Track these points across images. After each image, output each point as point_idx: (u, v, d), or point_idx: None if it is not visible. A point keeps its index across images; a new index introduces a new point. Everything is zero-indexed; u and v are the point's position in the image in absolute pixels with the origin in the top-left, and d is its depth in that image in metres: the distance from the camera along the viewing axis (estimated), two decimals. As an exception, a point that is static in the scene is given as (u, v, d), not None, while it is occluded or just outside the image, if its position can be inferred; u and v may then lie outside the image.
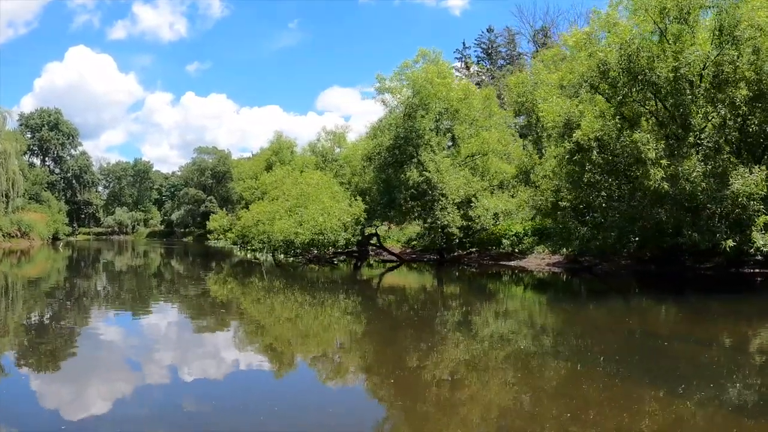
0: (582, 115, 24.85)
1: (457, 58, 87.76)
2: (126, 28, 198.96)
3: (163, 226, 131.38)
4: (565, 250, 36.29)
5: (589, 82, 25.73)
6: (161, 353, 12.50)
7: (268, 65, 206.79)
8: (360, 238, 35.49)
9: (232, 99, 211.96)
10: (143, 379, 10.36)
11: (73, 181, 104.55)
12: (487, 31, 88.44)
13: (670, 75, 23.45)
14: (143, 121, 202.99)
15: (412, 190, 32.85)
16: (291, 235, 32.72)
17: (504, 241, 39.30)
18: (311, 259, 39.23)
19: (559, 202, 29.11)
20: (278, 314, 18.72)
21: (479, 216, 34.23)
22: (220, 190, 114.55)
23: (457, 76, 48.48)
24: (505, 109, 40.39)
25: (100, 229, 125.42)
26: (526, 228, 38.88)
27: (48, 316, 17.77)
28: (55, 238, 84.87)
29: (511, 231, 38.92)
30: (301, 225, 32.68)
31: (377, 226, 38.63)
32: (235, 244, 43.11)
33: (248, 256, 48.17)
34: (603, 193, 25.87)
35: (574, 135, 24.70)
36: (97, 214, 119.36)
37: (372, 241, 40.29)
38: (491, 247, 40.60)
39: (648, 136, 23.41)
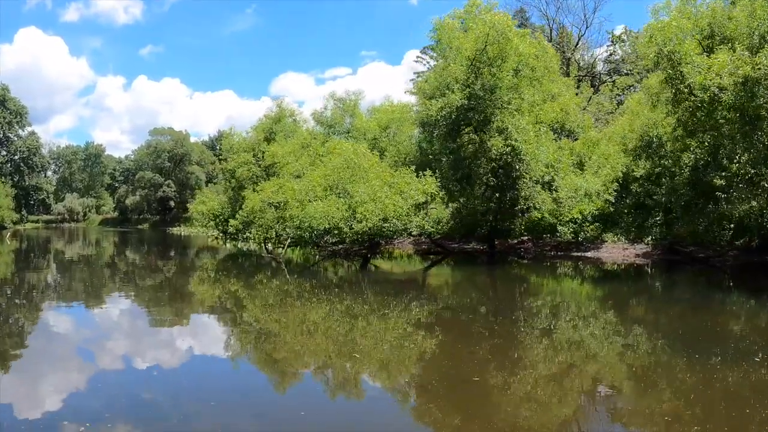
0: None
1: (432, 38, 78.48)
2: (79, 10, 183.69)
3: (116, 212, 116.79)
4: (650, 238, 28.28)
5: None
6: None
7: (222, 50, 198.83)
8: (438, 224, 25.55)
9: (185, 83, 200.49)
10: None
11: (21, 165, 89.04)
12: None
13: None
14: (94, 106, 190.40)
15: (494, 164, 23.40)
16: (340, 222, 22.59)
17: (560, 228, 30.75)
18: (334, 252, 29.40)
19: (713, 180, 20.71)
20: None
21: (562, 198, 25.34)
22: (178, 173, 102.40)
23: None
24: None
25: (50, 217, 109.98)
26: (585, 212, 30.43)
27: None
28: (1, 227, 71.17)
29: (566, 216, 30.35)
30: (352, 209, 22.60)
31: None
32: (233, 234, 32.46)
33: (228, 246, 37.91)
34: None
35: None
36: (47, 201, 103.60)
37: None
38: (546, 235, 31.97)
39: None
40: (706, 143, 21.58)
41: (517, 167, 23.74)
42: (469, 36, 25.17)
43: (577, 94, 50.72)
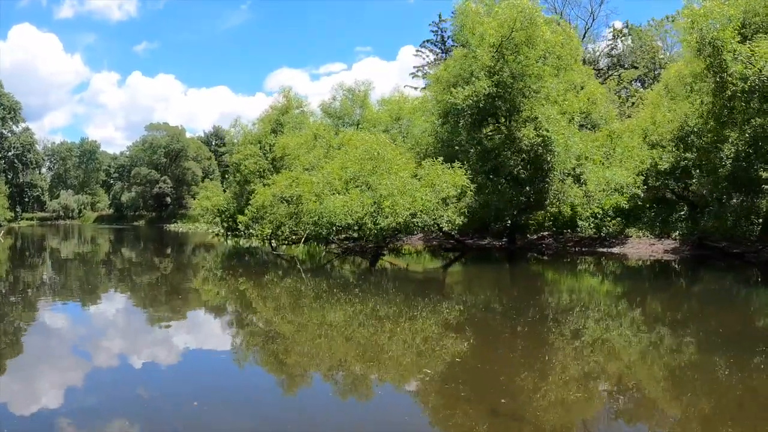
0: None
1: (432, 31, 77.25)
2: (73, 7, 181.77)
3: (112, 209, 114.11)
4: (677, 233, 27.04)
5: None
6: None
7: (217, 46, 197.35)
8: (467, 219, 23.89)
9: (180, 80, 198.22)
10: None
11: (15, 161, 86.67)
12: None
13: None
14: (88, 102, 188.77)
15: (524, 155, 21.94)
16: (364, 217, 21.02)
17: (581, 222, 29.42)
18: (348, 249, 27.86)
19: (759, 172, 19.41)
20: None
21: (592, 191, 23.96)
22: (174, 169, 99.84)
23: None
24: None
25: (44, 214, 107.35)
26: (606, 207, 29.10)
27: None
28: (-5, 224, 69.16)
29: (586, 211, 29.02)
30: (377, 203, 21.01)
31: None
32: (243, 231, 30.78)
33: (228, 242, 36.30)
34: None
35: None
36: (42, 198, 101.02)
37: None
38: (566, 231, 30.63)
39: None
40: (747, 134, 20.24)
41: (549, 159, 22.32)
42: (494, 21, 23.68)
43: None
